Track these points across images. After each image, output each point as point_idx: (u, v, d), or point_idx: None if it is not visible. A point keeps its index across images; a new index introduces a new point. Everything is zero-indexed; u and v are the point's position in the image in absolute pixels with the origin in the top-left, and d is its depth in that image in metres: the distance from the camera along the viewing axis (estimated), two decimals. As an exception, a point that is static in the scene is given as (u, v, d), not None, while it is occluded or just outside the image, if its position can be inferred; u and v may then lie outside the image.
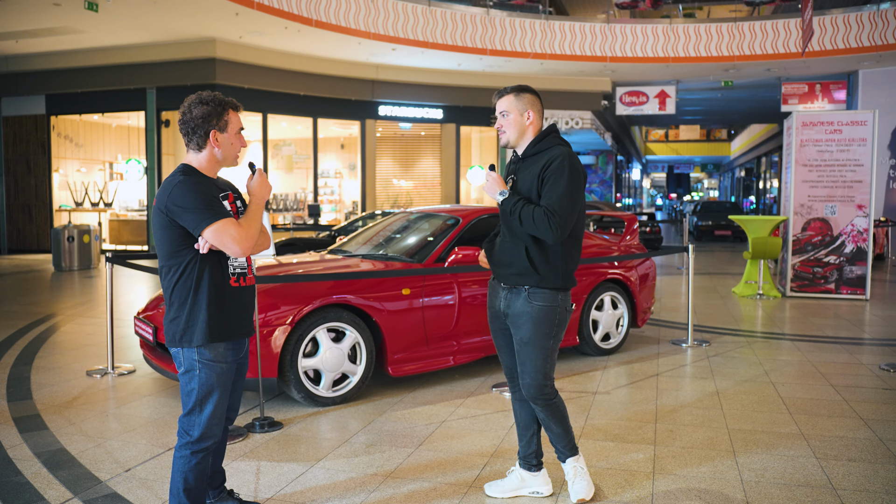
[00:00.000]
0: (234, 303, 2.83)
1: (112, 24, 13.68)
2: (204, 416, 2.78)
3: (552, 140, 3.25)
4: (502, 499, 3.38)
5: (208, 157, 2.83)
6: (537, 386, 3.20)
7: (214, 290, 2.77)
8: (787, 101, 19.62)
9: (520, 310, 3.21)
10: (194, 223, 2.68)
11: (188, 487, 2.81)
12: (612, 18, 18.08)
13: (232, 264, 2.84)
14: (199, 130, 2.78)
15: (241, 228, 2.72)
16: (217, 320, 2.77)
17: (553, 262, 3.18)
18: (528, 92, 3.31)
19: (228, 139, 2.84)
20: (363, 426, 4.42)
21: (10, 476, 3.63)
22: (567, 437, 3.33)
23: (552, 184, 3.09)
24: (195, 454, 2.80)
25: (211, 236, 2.69)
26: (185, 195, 2.68)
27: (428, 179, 20.92)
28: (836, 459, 3.87)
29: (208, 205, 2.69)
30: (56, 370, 5.83)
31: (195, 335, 2.74)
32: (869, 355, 6.47)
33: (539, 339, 3.18)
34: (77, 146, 18.08)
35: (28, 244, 17.43)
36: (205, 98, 2.81)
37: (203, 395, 2.78)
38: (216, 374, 2.79)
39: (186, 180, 2.73)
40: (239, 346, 2.90)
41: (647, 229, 18.40)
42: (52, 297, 10.13)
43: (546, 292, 3.18)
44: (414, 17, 15.80)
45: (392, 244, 5.93)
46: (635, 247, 6.91)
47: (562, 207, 3.05)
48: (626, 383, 5.48)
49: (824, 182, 9.79)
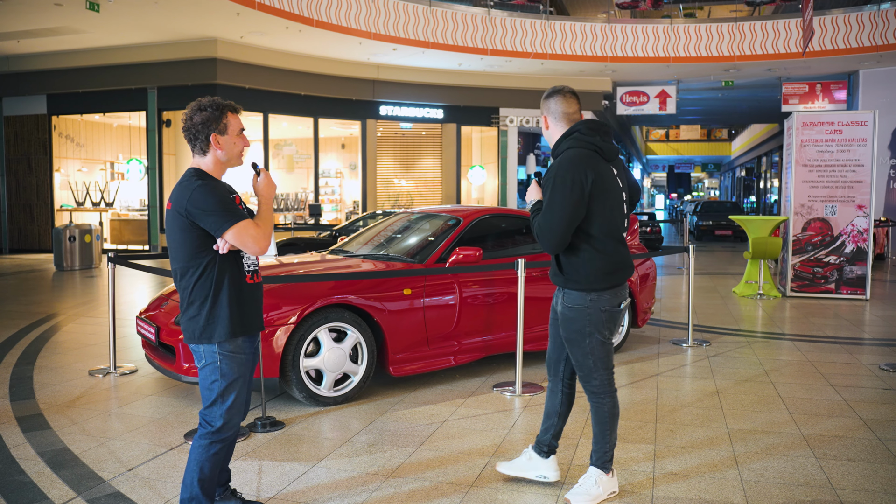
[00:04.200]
0: (250, 299, 2.99)
1: (113, 24, 13.69)
2: (226, 406, 2.92)
3: (568, 142, 3.28)
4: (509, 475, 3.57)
5: (213, 160, 2.95)
6: (583, 378, 3.37)
7: (234, 287, 2.92)
8: (787, 101, 19.62)
9: (559, 309, 3.36)
10: (216, 225, 2.81)
11: (202, 477, 2.91)
12: (612, 18, 18.09)
13: (246, 262, 2.99)
14: (200, 136, 2.91)
15: (258, 229, 2.87)
16: (238, 316, 2.91)
17: (577, 264, 3.24)
18: (546, 98, 3.37)
19: (230, 140, 2.95)
20: (365, 426, 4.44)
21: (14, 475, 3.65)
22: (602, 442, 3.36)
23: (548, 192, 3.21)
24: (214, 444, 2.93)
25: (232, 237, 2.83)
26: (205, 198, 2.81)
27: (428, 179, 20.93)
28: (835, 459, 3.89)
29: (227, 207, 2.84)
30: (58, 370, 5.85)
31: (216, 331, 2.88)
32: (869, 355, 6.48)
33: (574, 338, 3.31)
34: (78, 146, 18.10)
35: (29, 244, 17.45)
36: (204, 104, 2.92)
37: (226, 386, 2.92)
38: (237, 364, 2.94)
39: (206, 184, 2.86)
40: (254, 338, 3.05)
41: (647, 229, 18.42)
42: (54, 296, 10.15)
43: (574, 294, 3.28)
44: (415, 17, 15.81)
45: (393, 244, 5.95)
46: (636, 247, 6.92)
47: (547, 220, 3.17)
48: (627, 383, 5.49)
49: (825, 182, 9.81)
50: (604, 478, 3.34)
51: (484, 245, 5.73)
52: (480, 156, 21.59)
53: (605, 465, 3.35)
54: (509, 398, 5.06)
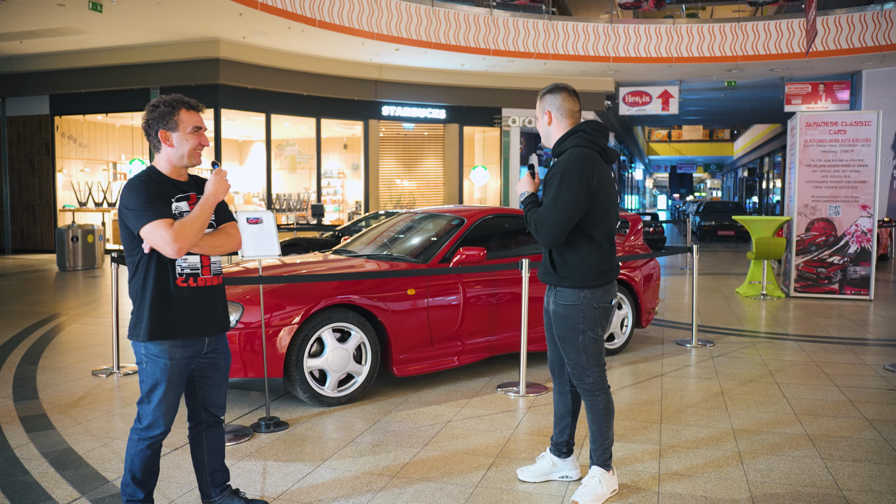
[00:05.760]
0: (181, 303, 2.85)
1: (116, 24, 13.70)
2: (151, 406, 2.86)
3: (573, 140, 3.30)
4: (533, 483, 3.54)
5: (166, 158, 2.89)
6: (576, 376, 3.36)
7: (158, 289, 2.82)
8: (790, 102, 19.61)
9: (552, 307, 3.37)
10: (133, 223, 2.76)
11: (133, 469, 2.90)
12: (615, 18, 18.07)
13: (180, 265, 2.86)
14: (150, 132, 2.87)
15: (172, 230, 2.73)
16: (160, 319, 2.81)
17: (571, 261, 3.28)
18: (549, 93, 3.39)
19: (181, 138, 2.86)
20: (369, 426, 4.43)
21: (18, 476, 3.64)
22: (601, 440, 3.36)
23: (547, 190, 3.23)
24: (142, 440, 2.88)
25: (145, 236, 2.76)
26: (129, 196, 2.78)
27: (431, 179, 20.93)
28: (841, 460, 3.87)
29: (149, 206, 2.75)
30: (61, 370, 5.85)
31: (140, 331, 2.82)
32: (873, 356, 6.47)
33: (568, 336, 3.31)
34: (81, 146, 18.11)
35: (32, 244, 17.47)
36: (156, 102, 2.88)
37: (149, 388, 2.85)
38: (160, 369, 2.83)
39: (135, 181, 2.82)
40: (191, 344, 2.90)
41: (650, 229, 18.41)
42: (57, 296, 10.16)
43: (567, 291, 3.30)
44: (417, 18, 15.81)
45: (397, 244, 5.94)
46: (639, 247, 6.91)
47: (548, 215, 3.18)
48: (631, 384, 5.48)
49: (828, 182, 9.78)
50: (606, 476, 3.36)
51: (487, 245, 5.72)
52: (483, 156, 21.58)
53: (606, 463, 3.37)
54: (513, 398, 5.05)
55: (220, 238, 2.95)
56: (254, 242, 4.40)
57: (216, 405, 3.08)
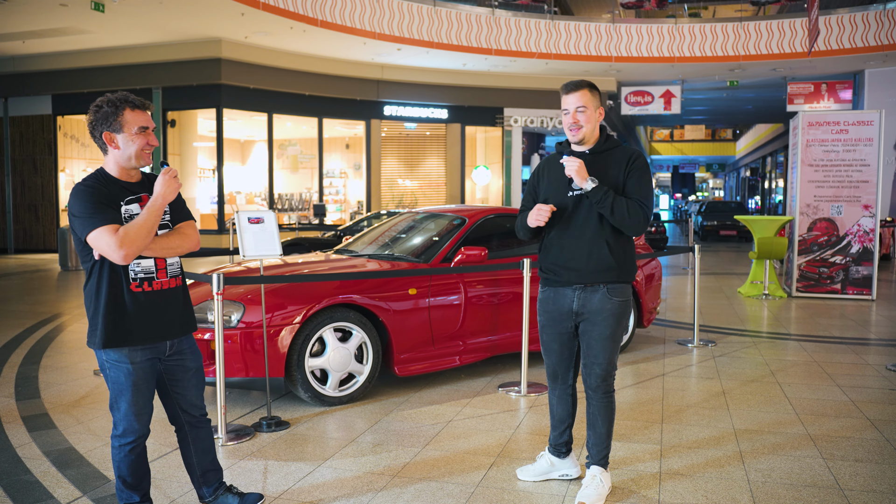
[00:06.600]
0: (136, 308, 2.77)
1: (118, 24, 13.73)
2: (122, 411, 2.81)
3: (615, 140, 3.37)
4: (534, 482, 3.53)
5: (113, 159, 2.78)
6: (605, 376, 3.30)
7: (112, 295, 2.74)
8: (792, 101, 19.59)
9: (598, 307, 3.24)
10: (79, 230, 2.67)
11: (121, 475, 2.88)
12: (617, 18, 18.07)
13: (133, 269, 2.77)
14: (95, 134, 2.76)
15: (117, 236, 2.62)
16: (115, 326, 2.74)
17: (630, 255, 3.31)
18: (597, 89, 3.38)
19: (126, 139, 2.73)
20: (370, 426, 4.43)
21: (20, 475, 3.65)
22: (606, 441, 3.37)
23: (639, 178, 3.22)
24: (123, 447, 2.84)
25: (91, 243, 2.66)
26: (74, 202, 2.69)
27: (433, 179, 20.93)
28: (843, 460, 3.87)
29: (95, 211, 2.65)
30: (63, 369, 5.86)
31: (97, 338, 2.75)
32: (875, 356, 6.46)
33: (616, 333, 3.29)
34: (83, 146, 18.14)
35: (34, 244, 17.51)
36: (100, 102, 2.75)
37: (116, 393, 2.81)
38: (123, 374, 2.78)
39: (80, 186, 2.72)
40: (151, 348, 2.83)
41: (652, 229, 18.40)
42: (59, 296, 10.17)
43: (624, 287, 3.29)
44: (419, 17, 15.81)
45: (398, 244, 5.94)
46: (641, 247, 6.91)
47: (649, 201, 3.20)
48: (632, 383, 5.48)
49: (830, 182, 9.77)
50: (606, 474, 3.38)
51: (489, 245, 5.72)
52: (485, 156, 21.58)
53: (605, 461, 3.39)
54: (515, 398, 5.05)
55: (175, 239, 2.83)
56: (255, 242, 4.41)
57: (193, 405, 3.02)
